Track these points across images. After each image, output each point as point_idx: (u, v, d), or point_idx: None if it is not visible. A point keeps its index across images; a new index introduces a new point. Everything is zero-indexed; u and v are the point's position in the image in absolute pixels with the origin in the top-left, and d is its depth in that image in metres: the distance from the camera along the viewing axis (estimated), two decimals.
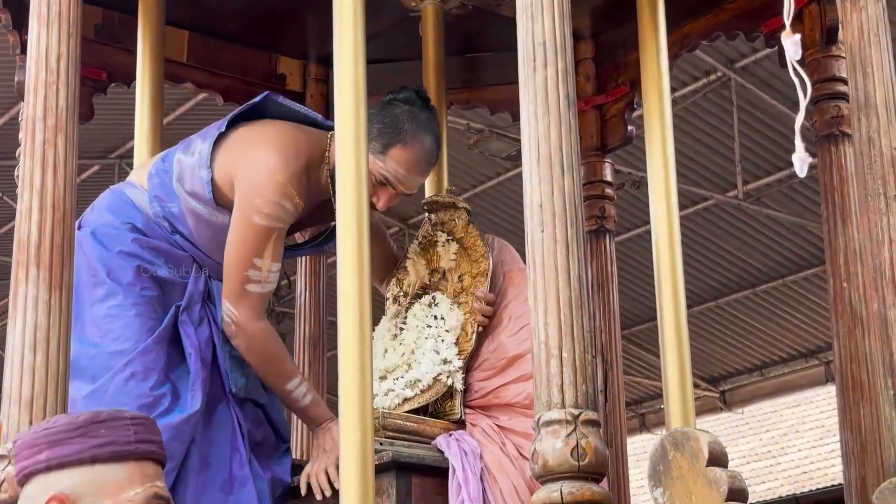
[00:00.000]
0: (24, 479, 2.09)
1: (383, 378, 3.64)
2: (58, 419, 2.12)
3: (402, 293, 3.88)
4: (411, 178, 3.75)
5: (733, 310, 12.91)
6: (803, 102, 2.27)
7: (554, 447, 2.39)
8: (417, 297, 3.81)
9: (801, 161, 2.07)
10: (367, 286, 3.15)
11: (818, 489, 13.64)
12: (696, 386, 12.82)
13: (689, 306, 11.69)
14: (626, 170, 9.14)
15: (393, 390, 3.60)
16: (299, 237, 4.24)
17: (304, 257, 4.75)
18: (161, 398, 3.42)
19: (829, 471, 13.63)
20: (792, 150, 2.30)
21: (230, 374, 3.61)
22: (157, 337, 3.50)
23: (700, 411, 13.70)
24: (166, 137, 4.35)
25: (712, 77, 9.76)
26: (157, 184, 3.67)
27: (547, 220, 2.53)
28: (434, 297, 3.74)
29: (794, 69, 2.26)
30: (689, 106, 9.98)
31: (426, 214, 3.98)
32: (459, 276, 3.74)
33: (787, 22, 2.33)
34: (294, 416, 4.11)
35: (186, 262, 3.69)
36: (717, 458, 2.41)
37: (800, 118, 2.22)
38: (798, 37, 2.33)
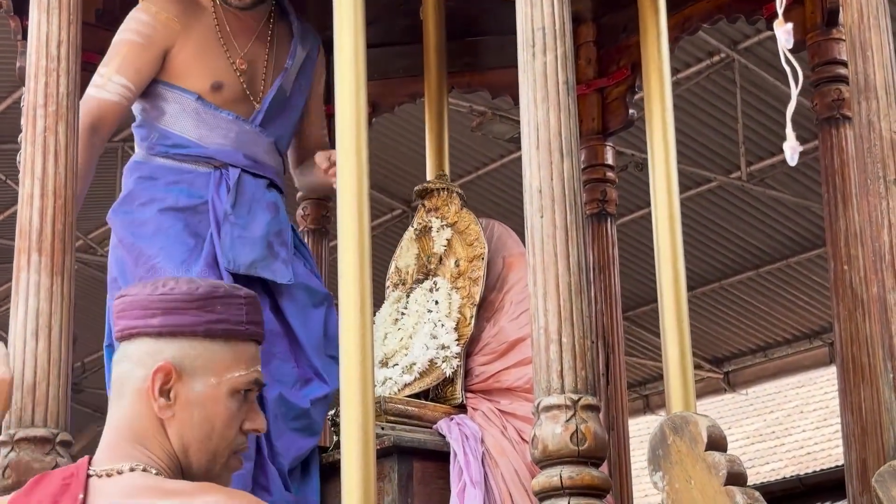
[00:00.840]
0: (127, 336, 2.05)
1: (384, 364, 3.65)
2: (175, 286, 2.07)
3: (400, 280, 3.89)
4: None
5: (737, 291, 12.90)
6: (794, 91, 2.28)
7: (553, 432, 2.41)
8: (419, 281, 3.82)
9: (791, 149, 2.09)
10: (369, 273, 3.16)
11: (822, 470, 13.59)
12: (699, 367, 12.86)
13: (692, 288, 11.75)
14: (630, 152, 9.12)
15: (391, 378, 3.62)
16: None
17: (307, 237, 4.76)
18: None
19: (832, 452, 13.60)
20: (796, 130, 2.31)
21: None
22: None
23: (703, 393, 13.70)
24: None
25: (715, 58, 9.75)
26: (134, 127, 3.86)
27: (546, 205, 2.53)
28: (435, 283, 3.75)
29: (786, 58, 2.27)
30: (693, 87, 9.98)
31: (420, 201, 3.99)
32: (455, 261, 3.75)
33: (780, 10, 2.34)
34: None
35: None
36: (716, 443, 2.42)
37: (791, 106, 2.24)
38: (790, 25, 2.35)
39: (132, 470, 1.93)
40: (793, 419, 16.87)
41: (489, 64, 4.86)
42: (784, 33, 2.32)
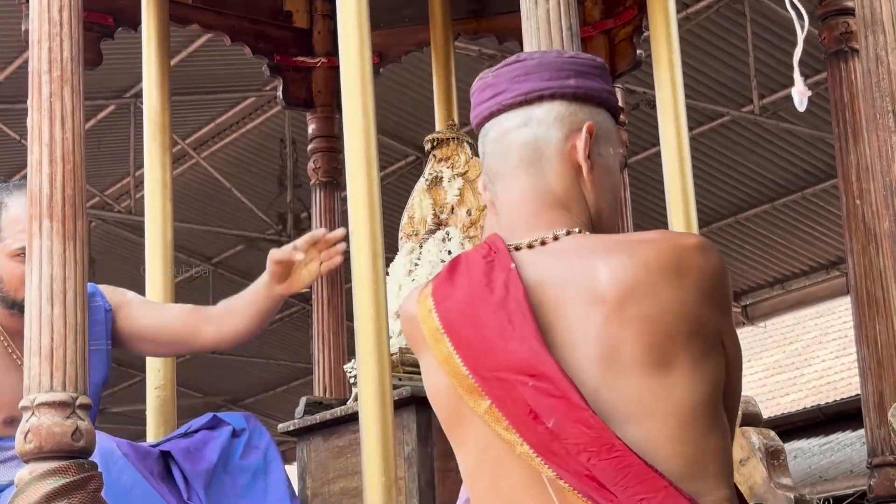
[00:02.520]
0: (536, 99, 1.96)
1: (398, 315, 3.66)
2: (575, 54, 2.07)
3: (413, 231, 3.89)
4: None
5: (753, 224, 12.90)
6: (801, 36, 2.27)
7: None
8: (432, 232, 3.82)
9: (800, 93, 2.07)
10: (380, 226, 3.17)
11: (842, 399, 13.67)
12: None
13: (708, 223, 11.75)
14: (642, 90, 9.10)
15: None
16: None
17: (319, 190, 4.78)
18: None
19: (852, 381, 13.67)
20: (807, 62, 2.30)
21: None
22: None
23: None
24: (175, 78, 4.36)
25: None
26: None
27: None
28: (448, 233, 3.74)
29: (791, 2, 2.26)
30: (702, 22, 9.95)
31: (431, 150, 3.98)
32: (467, 210, 3.75)
33: None
34: None
35: None
36: None
37: (797, 51, 2.22)
38: None
39: (568, 234, 1.91)
40: (812, 350, 17.00)
41: (495, 9, 4.85)
42: None
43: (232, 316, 3.69)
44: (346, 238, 3.37)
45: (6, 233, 3.53)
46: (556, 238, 1.89)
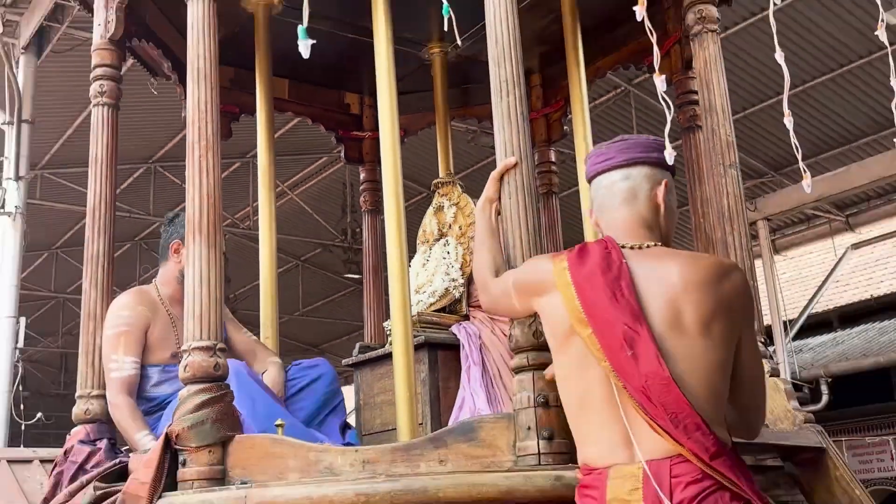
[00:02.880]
0: (631, 163, 2.11)
1: (417, 291, 3.66)
2: (648, 137, 2.19)
3: (425, 239, 3.89)
4: None
5: None
6: (669, 116, 2.27)
7: (523, 331, 2.40)
8: (437, 240, 3.83)
9: (669, 154, 2.08)
10: (404, 236, 3.17)
11: None
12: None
13: None
14: (567, 150, 9.14)
15: (421, 300, 3.63)
16: None
17: (367, 215, 4.78)
18: None
19: None
20: (671, 133, 2.31)
21: None
22: None
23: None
24: (277, 145, 4.36)
25: (618, 90, 9.71)
26: None
27: (512, 190, 2.51)
28: (447, 240, 3.76)
29: (662, 98, 2.26)
30: (605, 108, 9.95)
31: (436, 189, 4.00)
32: (459, 227, 3.76)
33: (657, 66, 2.33)
34: None
35: None
36: None
37: (667, 129, 2.23)
38: (664, 77, 2.34)
39: (656, 245, 2.04)
40: None
41: (475, 102, 4.86)
42: (660, 82, 2.30)
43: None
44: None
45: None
46: (647, 246, 2.03)
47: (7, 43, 8.95)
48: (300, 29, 2.53)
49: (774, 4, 2.39)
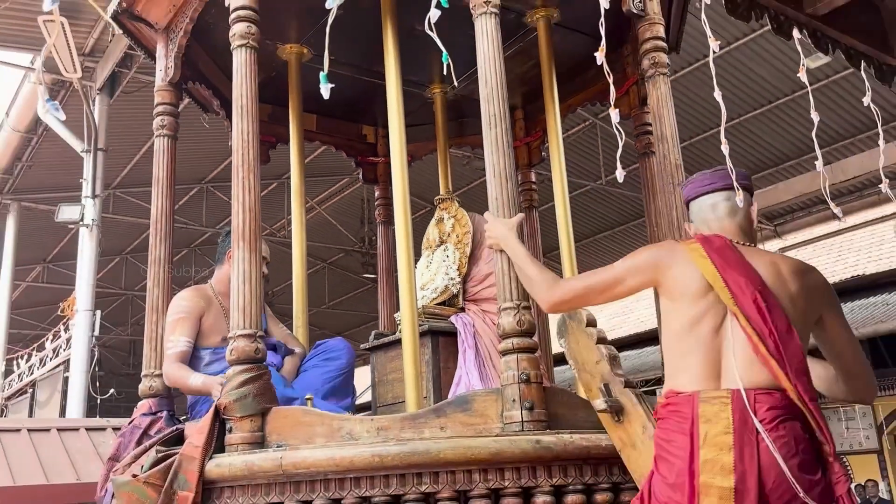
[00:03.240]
0: (731, 188, 2.18)
1: (423, 287, 3.65)
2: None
3: (428, 245, 3.88)
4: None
5: (622, 236, 12.81)
6: (621, 143, 2.27)
7: (508, 320, 2.40)
8: (438, 246, 3.81)
9: (620, 174, 2.09)
10: (411, 243, 3.16)
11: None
12: None
13: (579, 240, 11.47)
14: (545, 172, 9.15)
15: (425, 296, 3.62)
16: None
17: (381, 226, 4.77)
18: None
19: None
20: (631, 157, 2.31)
21: None
22: None
23: None
24: (307, 168, 4.35)
25: (587, 122, 9.71)
26: None
27: (501, 205, 2.51)
28: (446, 246, 3.72)
29: (616, 128, 2.27)
30: (576, 137, 9.95)
31: (437, 204, 3.99)
32: (457, 235, 3.73)
33: (612, 102, 2.35)
34: None
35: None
36: (591, 322, 2.40)
37: (619, 152, 2.24)
38: (617, 111, 2.35)
39: (753, 245, 2.16)
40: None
41: (470, 132, 4.85)
42: (615, 115, 2.31)
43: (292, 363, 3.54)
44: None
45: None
46: (748, 245, 2.13)
47: (85, 85, 8.96)
48: (322, 75, 2.53)
49: (714, 52, 2.40)
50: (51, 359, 11.47)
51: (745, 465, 1.80)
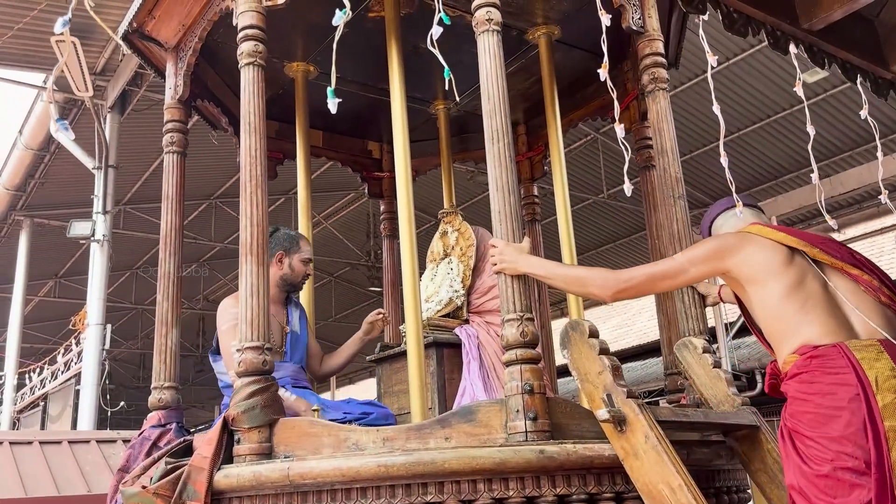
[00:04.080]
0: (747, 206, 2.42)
1: (428, 300, 3.65)
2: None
3: (433, 259, 3.88)
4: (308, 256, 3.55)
5: (624, 248, 12.79)
6: (627, 158, 2.28)
7: (512, 332, 2.39)
8: (443, 259, 3.81)
9: (627, 187, 2.11)
10: (416, 256, 3.16)
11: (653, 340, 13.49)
12: None
13: (582, 252, 11.44)
14: (547, 186, 9.15)
15: (430, 308, 3.61)
16: None
17: (386, 239, 4.77)
18: None
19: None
20: (632, 171, 2.32)
21: None
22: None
23: None
24: (313, 183, 4.36)
25: (589, 137, 9.72)
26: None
27: (503, 218, 2.51)
28: (450, 259, 3.72)
29: (622, 143, 2.28)
30: (578, 152, 9.95)
31: (441, 218, 3.99)
32: (460, 248, 3.73)
33: (617, 117, 2.36)
34: None
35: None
36: (594, 333, 2.40)
37: (626, 167, 2.25)
38: (622, 125, 2.36)
39: None
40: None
41: (474, 147, 4.86)
42: (621, 130, 2.33)
43: (337, 357, 3.71)
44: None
45: (303, 249, 3.52)
46: None
47: (96, 103, 9.01)
48: (329, 90, 2.55)
49: (712, 67, 2.42)
50: (62, 372, 11.48)
51: None
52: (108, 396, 9.77)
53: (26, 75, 9.19)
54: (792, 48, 2.93)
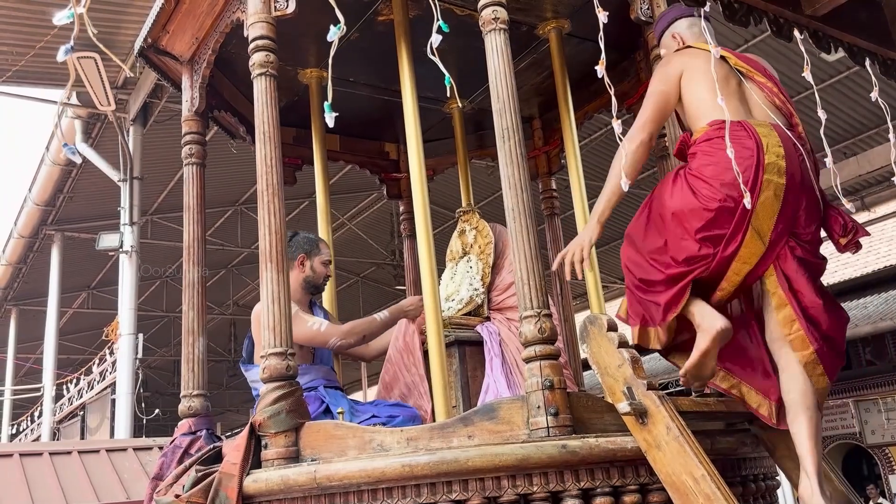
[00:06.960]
0: None
1: (447, 299, 3.66)
2: None
3: (452, 258, 3.88)
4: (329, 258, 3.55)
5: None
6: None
7: (530, 328, 2.39)
8: (461, 257, 3.81)
9: (625, 183, 2.10)
10: (434, 255, 3.17)
11: None
12: None
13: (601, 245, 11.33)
14: (563, 178, 9.11)
15: (451, 307, 3.62)
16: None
17: (407, 239, 4.79)
18: None
19: None
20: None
21: None
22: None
23: None
24: (332, 187, 4.39)
25: (608, 127, 9.65)
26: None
27: (517, 215, 2.50)
28: (469, 257, 3.73)
29: (619, 138, 2.29)
30: (594, 146, 9.89)
31: (459, 217, 3.99)
32: (479, 246, 3.74)
33: (614, 114, 2.43)
34: None
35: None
36: (612, 327, 2.39)
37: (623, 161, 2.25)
38: (620, 122, 2.39)
39: None
40: None
41: (488, 144, 4.84)
42: (617, 126, 2.34)
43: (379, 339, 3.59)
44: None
45: (322, 251, 3.54)
46: None
47: (119, 117, 9.14)
48: (326, 105, 2.56)
49: (716, 57, 2.44)
50: (98, 382, 11.67)
51: (793, 168, 2.39)
52: (143, 404, 9.93)
53: (50, 92, 9.34)
54: (796, 34, 2.89)
